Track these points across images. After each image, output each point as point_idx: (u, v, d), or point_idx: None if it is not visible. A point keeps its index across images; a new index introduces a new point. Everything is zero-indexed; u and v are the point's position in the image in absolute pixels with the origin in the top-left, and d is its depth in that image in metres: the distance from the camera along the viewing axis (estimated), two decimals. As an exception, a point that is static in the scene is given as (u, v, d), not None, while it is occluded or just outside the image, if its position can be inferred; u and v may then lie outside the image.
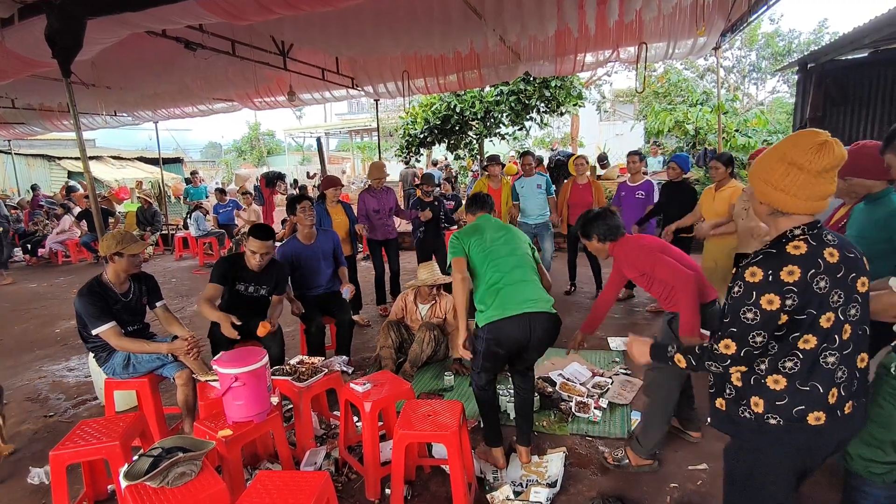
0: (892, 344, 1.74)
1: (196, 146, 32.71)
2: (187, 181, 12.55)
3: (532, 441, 2.71)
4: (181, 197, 12.30)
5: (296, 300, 3.77)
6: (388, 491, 2.43)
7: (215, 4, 3.16)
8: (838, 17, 29.63)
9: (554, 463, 2.63)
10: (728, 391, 1.54)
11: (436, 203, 5.37)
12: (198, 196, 10.77)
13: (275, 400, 2.53)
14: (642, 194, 5.10)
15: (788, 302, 1.36)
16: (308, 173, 15.77)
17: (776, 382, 1.44)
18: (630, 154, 5.31)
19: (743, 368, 1.47)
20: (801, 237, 1.41)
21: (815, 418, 1.41)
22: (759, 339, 1.40)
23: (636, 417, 3.07)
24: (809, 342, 1.40)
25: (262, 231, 3.25)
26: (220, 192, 9.70)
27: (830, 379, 1.41)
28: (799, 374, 1.42)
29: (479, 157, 11.08)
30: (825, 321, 1.39)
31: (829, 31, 16.43)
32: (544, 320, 2.41)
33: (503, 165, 5.91)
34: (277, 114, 78.33)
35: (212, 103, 8.22)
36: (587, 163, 5.50)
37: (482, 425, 2.71)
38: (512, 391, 2.79)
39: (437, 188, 5.63)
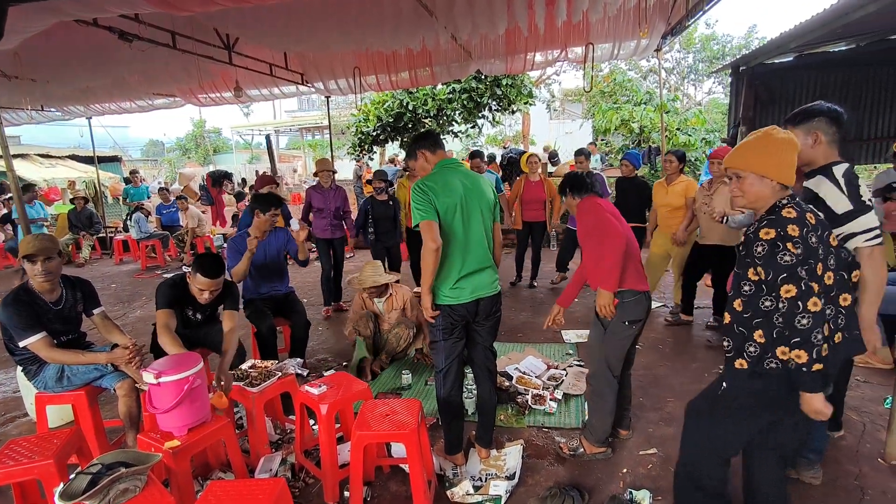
0: None
1: (136, 144, 30.96)
2: (126, 181, 11.87)
3: (493, 442, 2.74)
4: (120, 197, 11.62)
5: (304, 227, 3.76)
6: (347, 494, 2.39)
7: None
8: (767, 24, 31.66)
9: (512, 456, 2.67)
10: (752, 349, 1.75)
11: (390, 202, 5.33)
12: (139, 196, 10.21)
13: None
14: None
15: (798, 251, 1.62)
16: (257, 172, 15.25)
17: None
18: (577, 154, 5.56)
19: (816, 301, 1.61)
20: (789, 205, 1.70)
21: (824, 350, 1.64)
22: (803, 273, 1.61)
23: (590, 407, 3.17)
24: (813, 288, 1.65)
25: (209, 266, 2.81)
26: (164, 191, 9.24)
27: (825, 317, 1.66)
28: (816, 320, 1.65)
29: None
30: (819, 269, 1.64)
31: (758, 36, 17.55)
32: (488, 301, 2.50)
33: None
34: (224, 110, 75.17)
35: (151, 98, 7.79)
36: (540, 160, 5.64)
37: (444, 434, 2.66)
38: (474, 391, 2.79)
39: (391, 185, 5.54)
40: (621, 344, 2.59)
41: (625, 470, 2.60)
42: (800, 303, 1.60)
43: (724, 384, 1.85)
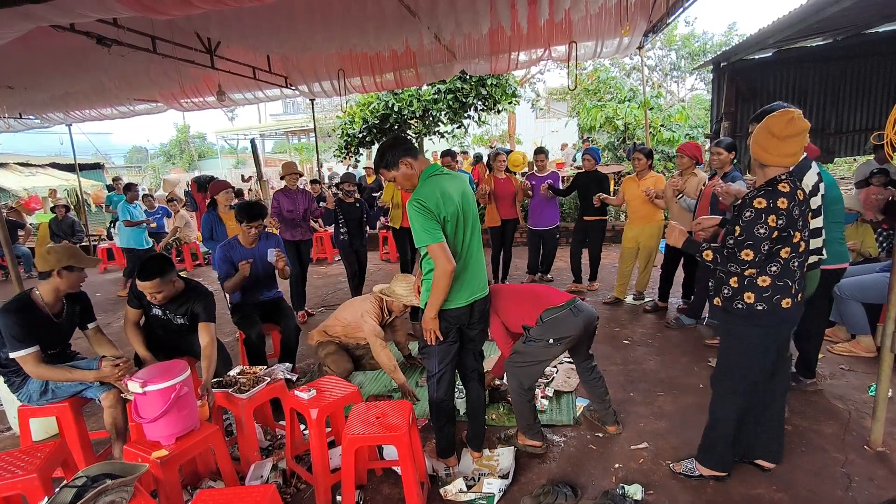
0: None
1: (119, 151, 30.50)
2: (109, 188, 11.68)
3: (484, 444, 2.74)
4: (102, 205, 11.43)
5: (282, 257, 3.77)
6: (339, 498, 2.37)
7: (130, -3, 2.94)
8: (746, 21, 32.14)
9: (505, 457, 2.67)
10: (726, 291, 2.19)
11: (357, 205, 5.30)
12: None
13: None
14: (550, 182, 5.54)
15: (780, 222, 1.99)
16: (243, 176, 15.11)
17: (763, 281, 2.10)
18: (536, 153, 5.72)
19: (754, 271, 2.08)
20: (785, 181, 2.04)
21: (786, 303, 2.10)
22: (765, 247, 2.02)
23: (581, 403, 3.19)
24: (786, 252, 2.06)
25: (142, 269, 2.73)
26: (149, 198, 9.10)
27: (793, 277, 2.10)
28: (777, 275, 2.09)
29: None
30: (795, 238, 2.05)
31: (738, 33, 17.79)
32: (482, 302, 2.49)
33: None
34: (208, 115, 74.48)
35: (133, 104, 7.68)
36: (506, 159, 5.80)
37: (436, 438, 2.63)
38: (463, 391, 2.78)
39: (356, 188, 5.54)
40: (538, 361, 2.61)
41: (617, 465, 2.61)
42: (747, 263, 2.03)
43: (706, 316, 2.23)
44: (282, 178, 5.24)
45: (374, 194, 8.85)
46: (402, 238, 5.63)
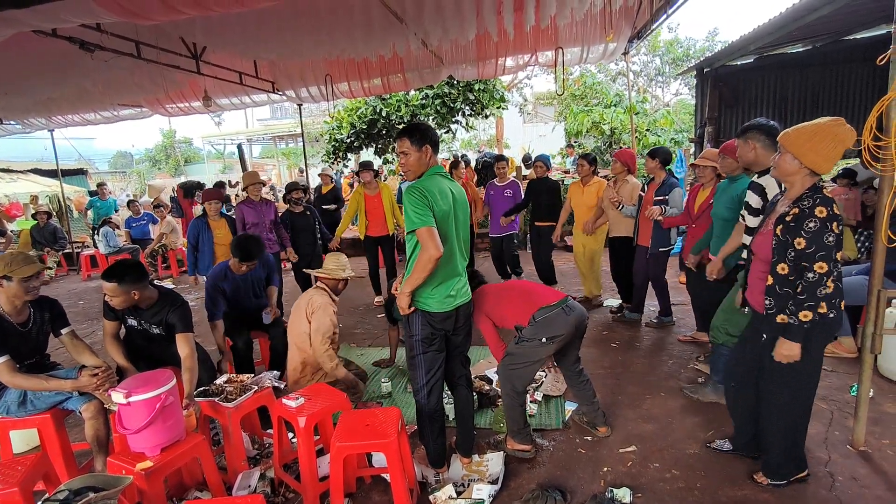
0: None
1: (103, 156, 30.03)
2: (92, 193, 11.51)
3: (473, 449, 2.74)
4: (84, 211, 11.24)
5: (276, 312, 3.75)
6: (328, 506, 2.36)
7: (113, 2, 2.92)
8: (729, 27, 32.73)
9: (494, 462, 2.67)
10: (793, 307, 2.04)
11: (307, 213, 5.22)
12: (106, 210, 9.91)
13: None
14: (510, 192, 5.58)
15: (840, 228, 1.96)
16: (230, 182, 14.98)
17: (829, 288, 1.98)
18: (497, 161, 5.77)
19: (830, 283, 1.96)
20: (824, 185, 2.04)
21: (842, 304, 2.06)
22: (836, 254, 1.96)
23: (570, 407, 3.20)
24: (840, 255, 2.02)
25: (112, 270, 2.69)
26: (133, 204, 9.00)
27: (841, 278, 2.05)
28: (837, 278, 2.02)
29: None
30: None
31: (720, 39, 18.08)
32: (466, 307, 2.50)
33: (376, 172, 5.75)
34: (194, 120, 73.81)
35: (117, 109, 7.58)
36: (457, 167, 5.91)
37: (427, 448, 2.60)
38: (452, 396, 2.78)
39: (305, 195, 5.42)
40: (531, 362, 2.61)
41: (606, 468, 2.62)
42: (824, 278, 1.94)
43: (765, 336, 2.19)
44: (243, 190, 5.04)
45: (325, 206, 7.39)
46: (372, 247, 5.59)
